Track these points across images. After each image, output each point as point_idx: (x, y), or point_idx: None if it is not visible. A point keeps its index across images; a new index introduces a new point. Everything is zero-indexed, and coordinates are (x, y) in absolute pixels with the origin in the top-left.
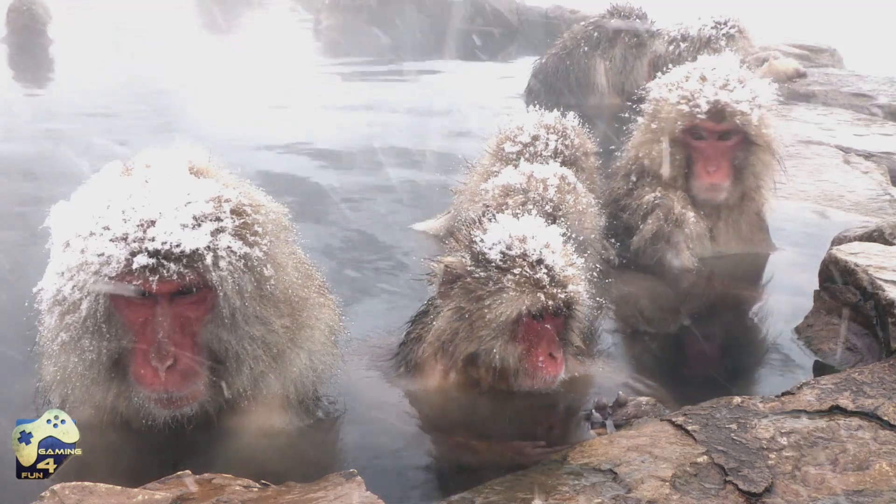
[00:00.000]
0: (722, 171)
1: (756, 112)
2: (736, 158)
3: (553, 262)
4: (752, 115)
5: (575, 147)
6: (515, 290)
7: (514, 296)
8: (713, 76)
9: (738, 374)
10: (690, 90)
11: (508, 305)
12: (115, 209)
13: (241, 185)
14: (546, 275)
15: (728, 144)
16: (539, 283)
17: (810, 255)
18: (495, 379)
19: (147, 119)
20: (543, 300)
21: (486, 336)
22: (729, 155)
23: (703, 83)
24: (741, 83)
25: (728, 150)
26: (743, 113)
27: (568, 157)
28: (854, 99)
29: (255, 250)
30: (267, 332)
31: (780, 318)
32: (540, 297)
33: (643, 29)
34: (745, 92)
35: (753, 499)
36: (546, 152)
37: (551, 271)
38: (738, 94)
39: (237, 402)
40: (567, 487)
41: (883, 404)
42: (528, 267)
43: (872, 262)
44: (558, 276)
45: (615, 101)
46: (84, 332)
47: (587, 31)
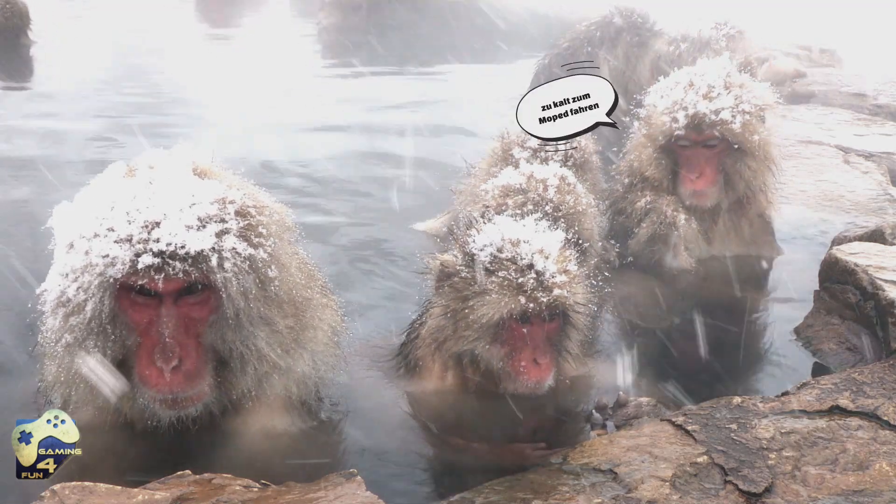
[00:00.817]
0: (705, 177)
1: (739, 119)
2: (723, 165)
3: (543, 268)
4: (734, 123)
5: (583, 148)
6: (498, 293)
7: (495, 299)
8: (699, 83)
9: (738, 374)
10: (674, 100)
11: (490, 308)
12: (119, 211)
13: (244, 185)
14: (533, 280)
15: (713, 151)
16: (522, 287)
17: (810, 256)
18: (482, 379)
19: (139, 119)
20: (524, 304)
21: (469, 336)
22: (714, 162)
23: (688, 92)
24: (727, 89)
25: (713, 157)
26: (723, 122)
27: (578, 159)
28: (854, 99)
29: (259, 251)
30: (271, 333)
31: (780, 318)
32: (521, 300)
33: (645, 28)
34: (727, 99)
35: (753, 499)
36: (557, 157)
37: (540, 276)
38: (719, 103)
39: (241, 403)
40: (567, 487)
41: (883, 404)
42: (516, 271)
43: (872, 262)
44: (546, 282)
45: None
46: (89, 334)
47: (590, 31)
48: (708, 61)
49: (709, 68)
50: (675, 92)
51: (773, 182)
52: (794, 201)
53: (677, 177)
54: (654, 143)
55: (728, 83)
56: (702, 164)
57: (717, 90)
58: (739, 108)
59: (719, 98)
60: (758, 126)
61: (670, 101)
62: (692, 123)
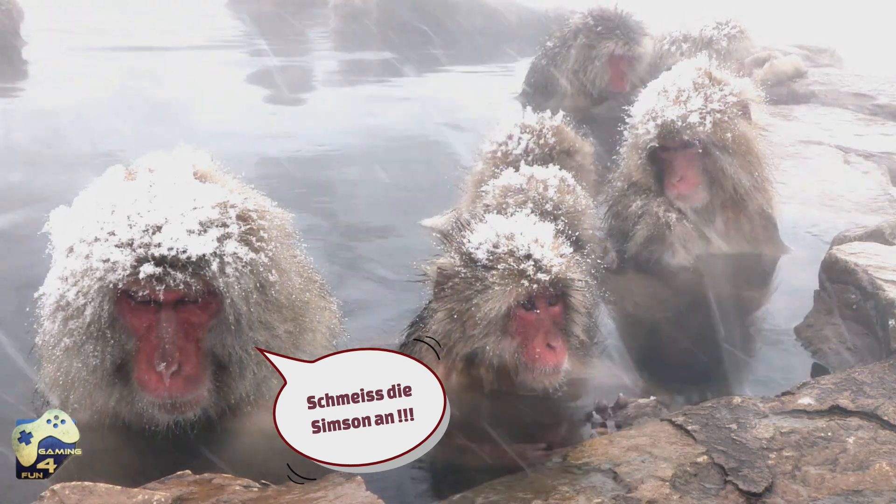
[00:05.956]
0: (687, 180)
1: (710, 118)
2: (705, 165)
3: (541, 255)
4: (704, 124)
5: (550, 146)
6: (500, 284)
7: (499, 291)
8: (671, 88)
9: (738, 374)
10: (647, 108)
11: (496, 301)
12: (120, 214)
13: (245, 190)
14: (532, 266)
15: (693, 153)
16: (524, 272)
17: (810, 255)
18: (497, 378)
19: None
20: (528, 287)
21: (478, 335)
22: (695, 163)
23: (659, 98)
24: (697, 90)
25: (694, 159)
26: (692, 125)
27: (539, 155)
28: (854, 99)
29: (260, 256)
30: (271, 338)
31: (780, 318)
32: (524, 284)
33: (596, 31)
34: (696, 101)
35: (753, 499)
36: (517, 150)
37: (538, 262)
38: (687, 106)
39: (240, 407)
40: (567, 487)
41: (883, 404)
42: (514, 261)
43: (872, 262)
44: (545, 266)
45: (581, 102)
46: (88, 338)
47: (562, 33)
48: (684, 63)
49: (684, 70)
50: (650, 100)
51: (769, 177)
52: (793, 201)
53: (664, 181)
54: (637, 151)
55: (698, 84)
56: (683, 167)
57: (686, 93)
58: (709, 108)
59: (688, 101)
60: (734, 123)
61: (644, 109)
62: (663, 132)
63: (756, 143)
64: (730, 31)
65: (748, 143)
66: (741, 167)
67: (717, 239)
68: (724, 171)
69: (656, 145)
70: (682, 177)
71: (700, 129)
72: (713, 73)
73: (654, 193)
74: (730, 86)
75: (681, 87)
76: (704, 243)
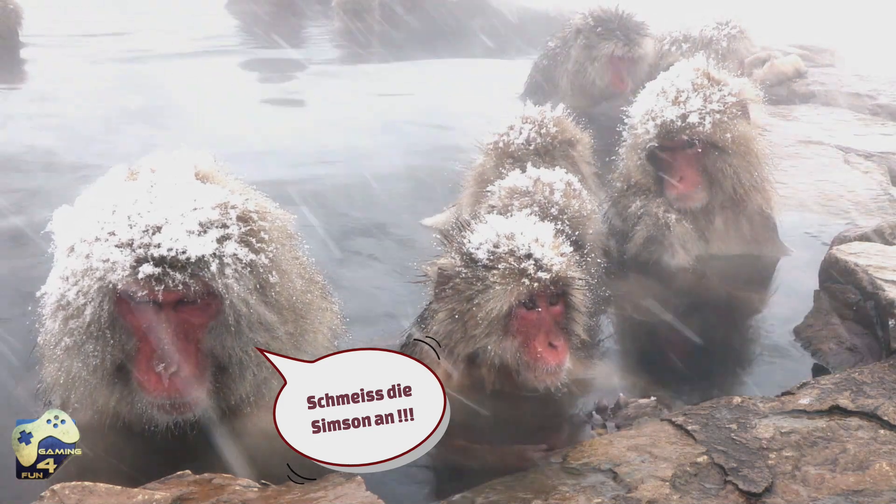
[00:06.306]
0: (687, 181)
1: (709, 119)
2: (704, 165)
3: (541, 254)
4: (704, 125)
5: (552, 135)
6: (501, 283)
7: (500, 290)
8: (669, 89)
9: (738, 374)
10: (646, 109)
11: (497, 300)
12: (120, 214)
13: (246, 190)
14: (533, 265)
15: (692, 154)
16: (525, 271)
17: (810, 255)
18: (499, 378)
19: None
20: (529, 285)
21: (480, 335)
22: (695, 164)
23: (658, 99)
24: (696, 90)
25: (694, 160)
26: (691, 125)
27: (541, 144)
28: (854, 99)
29: (260, 257)
30: (271, 339)
31: (780, 318)
32: (525, 283)
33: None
34: (695, 101)
35: (753, 499)
36: (519, 140)
37: (538, 261)
38: (686, 107)
39: (240, 408)
40: (567, 487)
41: (883, 404)
42: (515, 260)
43: (872, 262)
44: (545, 264)
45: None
46: (88, 338)
47: (563, 33)
48: (683, 63)
49: (682, 70)
50: (649, 100)
51: (769, 177)
52: (793, 201)
53: (663, 181)
54: (637, 152)
55: (696, 84)
56: (683, 168)
57: (685, 94)
58: (708, 108)
59: (687, 101)
60: (734, 123)
61: (643, 110)
62: (662, 132)
63: (755, 143)
64: (730, 31)
65: (748, 143)
66: (741, 167)
67: (716, 239)
68: (723, 171)
69: (656, 145)
70: (681, 177)
71: (699, 129)
72: (711, 73)
73: (653, 194)
74: (728, 86)
75: (680, 88)
76: (704, 244)
